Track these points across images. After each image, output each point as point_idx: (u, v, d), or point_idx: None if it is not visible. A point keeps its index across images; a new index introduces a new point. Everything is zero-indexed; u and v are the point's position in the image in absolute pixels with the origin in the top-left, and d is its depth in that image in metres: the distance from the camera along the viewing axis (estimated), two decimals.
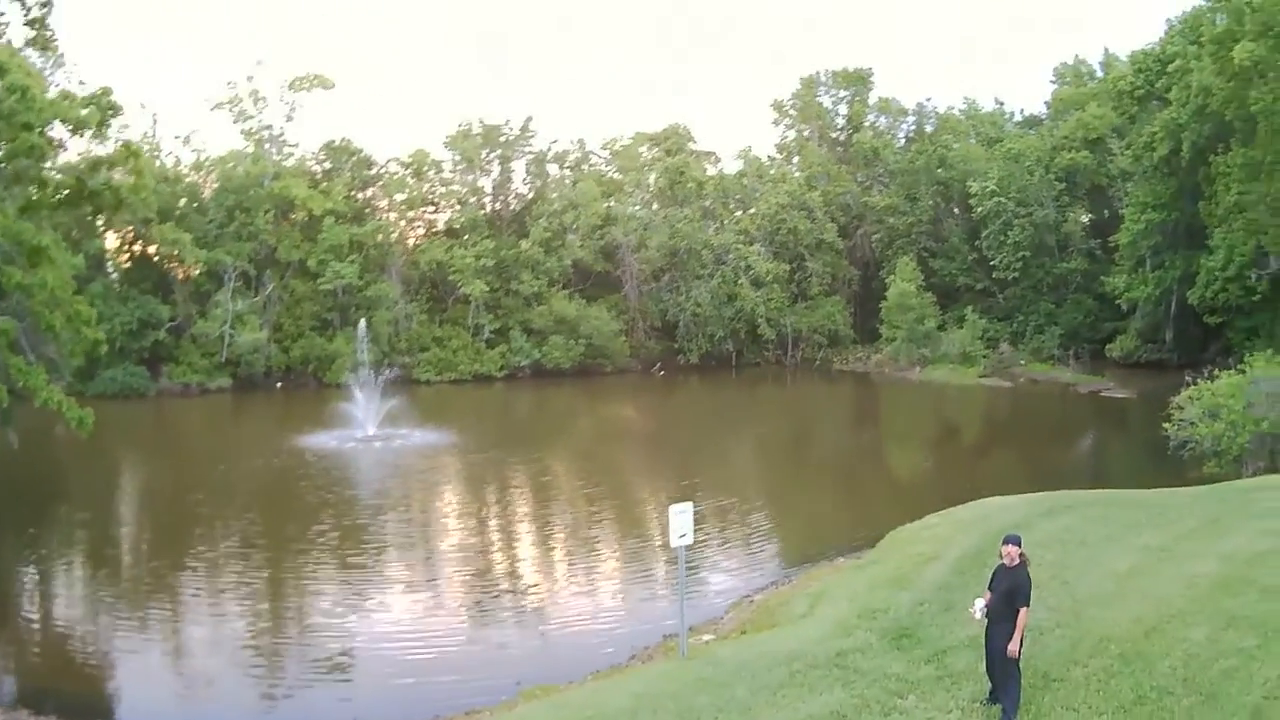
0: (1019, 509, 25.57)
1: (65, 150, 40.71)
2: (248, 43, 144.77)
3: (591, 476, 42.26)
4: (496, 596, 25.46)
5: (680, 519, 18.11)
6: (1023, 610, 13.58)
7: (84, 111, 36.61)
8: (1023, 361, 79.24)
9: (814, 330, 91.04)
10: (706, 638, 20.75)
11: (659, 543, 29.38)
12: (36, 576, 27.94)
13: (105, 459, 46.48)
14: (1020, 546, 13.93)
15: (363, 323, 67.35)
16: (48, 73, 59.99)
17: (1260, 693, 13.87)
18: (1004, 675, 13.88)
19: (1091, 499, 27.45)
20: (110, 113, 37.33)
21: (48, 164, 37.72)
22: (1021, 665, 13.98)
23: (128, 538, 33.19)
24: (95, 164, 38.05)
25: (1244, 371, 37.01)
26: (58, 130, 36.77)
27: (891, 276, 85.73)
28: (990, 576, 14.36)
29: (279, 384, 75.27)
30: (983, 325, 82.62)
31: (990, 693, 14.30)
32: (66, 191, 37.06)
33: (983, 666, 14.52)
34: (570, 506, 36.56)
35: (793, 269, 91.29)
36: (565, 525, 33.58)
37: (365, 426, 50.64)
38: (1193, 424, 36.09)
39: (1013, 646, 13.56)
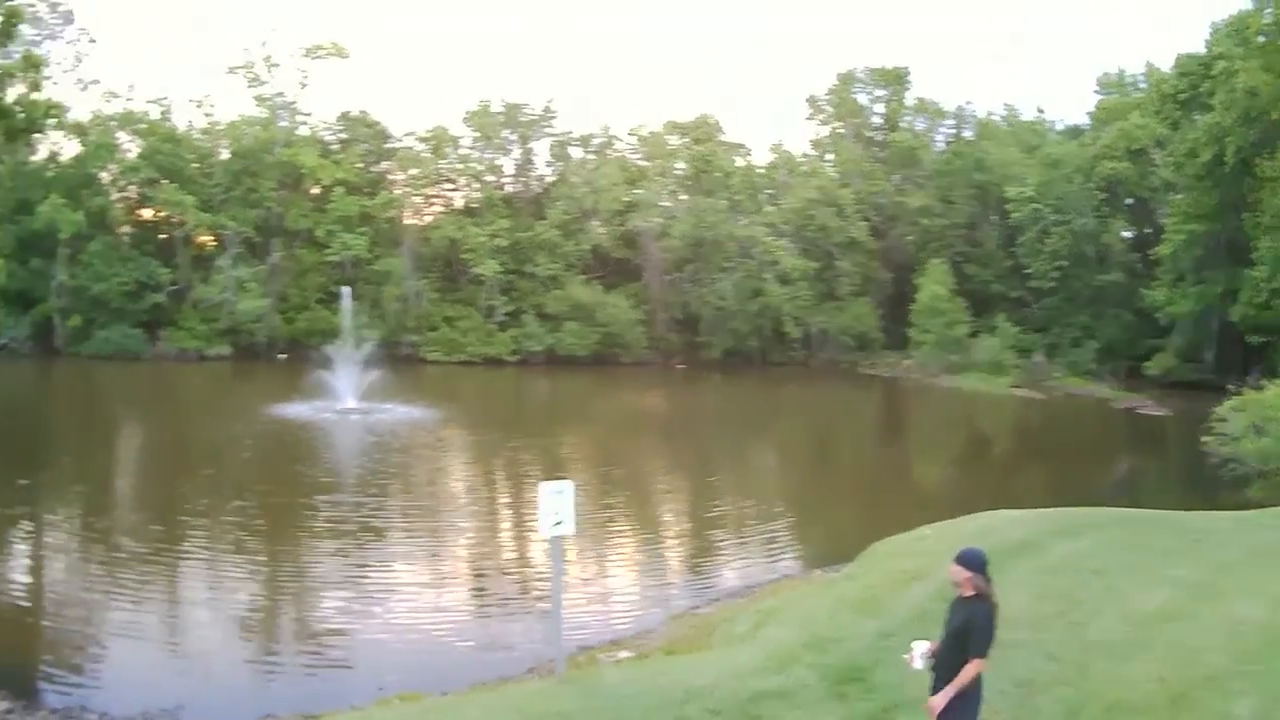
0: (1029, 523, 21.46)
1: None
2: (266, 8, 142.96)
3: (594, 469, 37.39)
4: (436, 591, 22.30)
5: (554, 500, 13.82)
6: (973, 662, 9.17)
7: None
8: (1057, 375, 76.23)
9: (842, 331, 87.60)
10: (623, 654, 16.95)
11: (660, 544, 27.13)
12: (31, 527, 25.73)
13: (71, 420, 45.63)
14: (980, 571, 9.32)
15: (346, 290, 62.89)
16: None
17: None
18: None
19: (1117, 518, 23.28)
20: (14, 20, 35.08)
21: None
22: None
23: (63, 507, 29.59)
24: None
25: None
26: None
27: (922, 280, 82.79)
28: (948, 611, 9.84)
29: (282, 354, 73.00)
30: (1016, 334, 79.58)
31: None
32: None
33: None
34: None
35: (821, 267, 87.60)
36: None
37: (345, 399, 48.37)
38: (1235, 439, 32.80)
39: (937, 700, 9.29)
